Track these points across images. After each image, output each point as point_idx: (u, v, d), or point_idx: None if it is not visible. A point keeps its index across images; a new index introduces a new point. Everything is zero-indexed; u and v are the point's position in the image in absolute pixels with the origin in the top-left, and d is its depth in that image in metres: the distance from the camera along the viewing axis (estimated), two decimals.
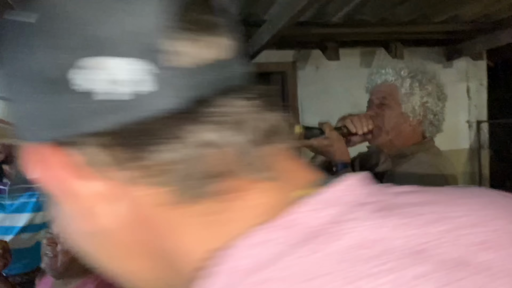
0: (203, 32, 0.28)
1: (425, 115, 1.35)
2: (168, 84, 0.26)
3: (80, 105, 0.26)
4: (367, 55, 3.31)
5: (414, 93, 1.34)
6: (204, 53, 0.28)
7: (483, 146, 3.43)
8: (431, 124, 1.37)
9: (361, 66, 3.31)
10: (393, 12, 2.57)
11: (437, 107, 1.36)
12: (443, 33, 2.94)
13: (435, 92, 1.35)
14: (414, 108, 1.34)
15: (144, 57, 0.26)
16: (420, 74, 1.36)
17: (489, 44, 2.98)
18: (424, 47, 3.31)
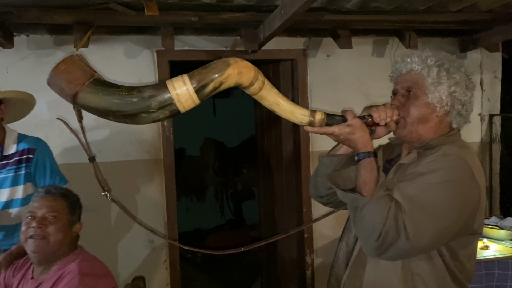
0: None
1: (452, 105, 1.30)
2: None
3: None
4: (380, 44, 3.22)
5: (442, 82, 1.28)
6: None
7: (494, 140, 3.37)
8: (458, 115, 1.32)
9: (373, 55, 3.23)
10: (409, 0, 2.49)
11: (466, 96, 1.30)
12: (458, 23, 2.85)
13: (464, 81, 1.30)
14: (442, 98, 1.28)
15: None
16: (447, 62, 1.30)
17: (506, 35, 2.90)
18: (438, 37, 3.23)
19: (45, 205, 1.68)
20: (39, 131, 2.79)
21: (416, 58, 1.32)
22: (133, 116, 1.11)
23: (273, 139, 3.56)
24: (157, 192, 2.97)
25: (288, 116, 1.26)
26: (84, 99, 1.11)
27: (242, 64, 1.15)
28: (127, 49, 2.85)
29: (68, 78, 1.11)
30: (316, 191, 1.56)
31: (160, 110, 1.10)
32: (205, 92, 1.12)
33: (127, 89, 1.11)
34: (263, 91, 1.21)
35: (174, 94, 1.09)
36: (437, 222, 1.18)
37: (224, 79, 1.13)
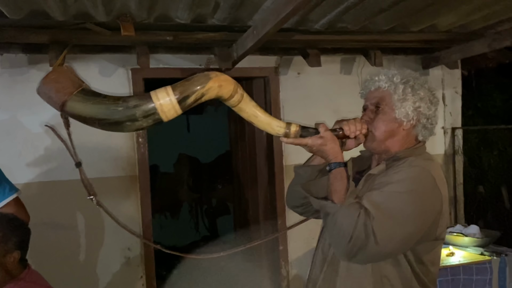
0: None
1: (418, 119, 1.40)
2: None
3: None
4: (347, 62, 3.37)
5: (407, 98, 1.39)
6: None
7: (457, 152, 3.55)
8: (424, 128, 1.42)
9: (341, 73, 3.38)
10: (373, 21, 2.64)
11: (430, 111, 1.41)
12: (420, 42, 3.03)
13: (427, 96, 1.41)
14: (408, 113, 1.39)
15: None
16: (412, 80, 1.41)
17: (464, 53, 3.10)
18: (402, 55, 3.41)
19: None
20: (13, 149, 2.78)
21: (383, 76, 1.43)
22: (118, 124, 1.17)
23: (248, 153, 3.63)
24: (133, 208, 2.98)
25: (265, 128, 1.34)
26: (72, 107, 1.16)
27: (222, 77, 1.23)
28: (102, 67, 2.89)
29: (57, 87, 1.16)
30: (292, 200, 1.64)
31: (144, 119, 1.16)
32: (187, 103, 1.19)
33: (113, 98, 1.17)
34: (242, 104, 1.29)
35: (158, 104, 1.15)
36: (402, 228, 1.27)
37: (205, 91, 1.20)
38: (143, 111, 1.15)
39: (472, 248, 3.03)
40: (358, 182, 1.44)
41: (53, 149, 2.83)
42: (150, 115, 1.16)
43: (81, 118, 1.18)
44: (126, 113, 1.15)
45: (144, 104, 1.16)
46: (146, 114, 1.16)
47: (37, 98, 2.78)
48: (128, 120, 1.16)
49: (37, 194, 2.80)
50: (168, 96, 1.16)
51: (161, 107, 1.16)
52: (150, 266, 3.01)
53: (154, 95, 1.17)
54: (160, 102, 1.16)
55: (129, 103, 1.16)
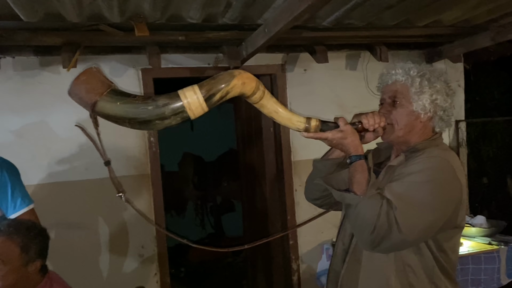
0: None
1: (435, 111, 1.45)
2: None
3: None
4: (353, 58, 3.42)
5: (424, 91, 1.43)
6: None
7: (461, 144, 3.61)
8: (441, 120, 1.47)
9: (347, 69, 3.42)
10: (380, 17, 2.68)
11: (446, 103, 1.46)
12: (425, 37, 3.08)
13: (444, 89, 1.45)
14: (425, 106, 1.43)
15: None
16: (428, 73, 1.45)
17: (467, 47, 3.15)
18: (406, 50, 3.45)
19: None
20: (25, 151, 2.81)
21: (400, 69, 1.47)
22: (148, 123, 1.21)
23: (255, 151, 3.67)
24: (146, 207, 3.02)
25: (285, 123, 1.39)
26: (103, 107, 1.20)
27: (245, 75, 1.28)
28: (112, 68, 2.92)
29: (87, 88, 1.19)
30: (311, 194, 1.68)
31: (173, 117, 1.20)
32: (213, 101, 1.23)
33: (143, 98, 1.21)
34: (264, 100, 1.33)
35: (186, 102, 1.19)
36: (425, 217, 1.31)
37: (230, 89, 1.24)
38: (171, 110, 1.19)
39: (479, 238, 3.09)
40: (377, 174, 1.49)
41: (65, 150, 2.86)
42: (178, 113, 1.20)
43: (112, 117, 1.22)
44: (156, 112, 1.19)
45: (173, 103, 1.19)
46: (175, 112, 1.20)
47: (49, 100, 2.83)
48: (157, 119, 1.20)
49: (51, 195, 2.83)
50: (195, 95, 1.20)
51: (188, 105, 1.20)
52: (164, 263, 3.05)
53: (182, 94, 1.21)
54: (188, 100, 1.20)
55: (159, 102, 1.20)
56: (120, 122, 1.23)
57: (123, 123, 1.23)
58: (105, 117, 1.23)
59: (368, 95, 3.33)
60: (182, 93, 1.21)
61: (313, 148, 2.39)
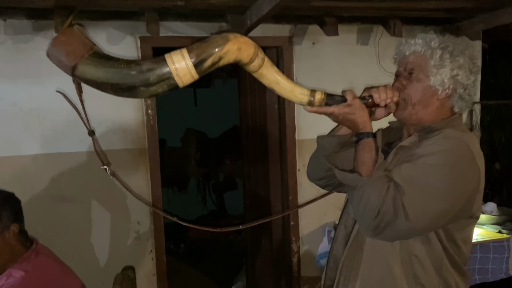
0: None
1: (454, 88, 1.30)
2: None
3: None
4: (365, 32, 3.23)
5: (444, 65, 1.28)
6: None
7: (475, 127, 3.44)
8: (460, 99, 1.32)
9: (358, 44, 3.24)
10: None
11: (468, 80, 1.30)
12: (442, 11, 2.89)
13: (467, 64, 1.30)
14: (443, 81, 1.28)
15: None
16: (451, 45, 1.30)
17: (488, 24, 2.96)
18: (422, 26, 3.25)
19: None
20: (18, 120, 2.70)
21: (420, 40, 1.32)
22: (131, 89, 1.10)
23: (258, 128, 3.54)
24: (142, 182, 2.91)
25: (287, 95, 1.24)
26: (83, 71, 1.10)
27: (241, 39, 1.13)
28: (109, 35, 2.77)
29: (67, 50, 1.09)
30: (313, 173, 1.55)
31: (158, 84, 1.09)
32: (203, 67, 1.10)
33: (126, 62, 1.10)
34: (263, 69, 1.19)
35: (173, 68, 1.07)
36: (436, 204, 1.18)
37: (223, 54, 1.11)
38: (157, 76, 1.08)
39: (488, 225, 2.97)
40: (387, 154, 1.35)
41: (59, 121, 2.74)
42: (165, 80, 1.09)
43: (93, 82, 1.12)
44: (140, 77, 1.08)
45: (159, 68, 1.08)
46: (161, 79, 1.08)
47: (43, 67, 2.70)
48: (142, 85, 1.09)
49: (44, 167, 2.74)
50: (183, 60, 1.08)
51: (176, 71, 1.08)
52: (160, 240, 2.96)
53: (169, 58, 1.09)
54: (176, 66, 1.08)
55: (143, 67, 1.09)
56: (102, 87, 1.13)
57: (105, 89, 1.13)
58: (86, 81, 1.13)
59: (380, 72, 3.17)
60: (169, 58, 1.09)
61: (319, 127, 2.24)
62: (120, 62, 1.10)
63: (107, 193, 2.84)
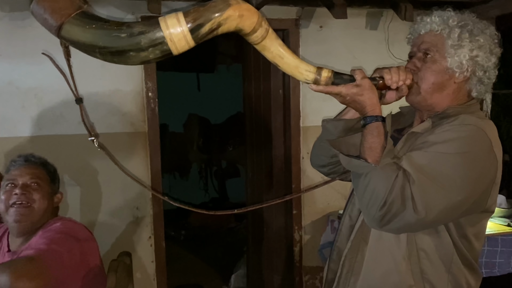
0: None
1: (473, 71, 1.20)
2: None
3: None
4: (374, 16, 3.12)
5: (463, 45, 1.18)
6: None
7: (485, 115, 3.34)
8: (479, 82, 1.22)
9: (367, 28, 3.14)
10: None
11: (489, 62, 1.20)
12: None
13: (488, 44, 1.20)
14: (462, 63, 1.18)
15: None
16: (471, 24, 1.20)
17: (504, 9, 2.85)
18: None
19: (26, 172, 1.62)
20: (15, 99, 2.63)
21: (437, 18, 1.22)
22: (120, 53, 1.01)
23: (262, 114, 3.45)
24: (142, 166, 2.84)
25: (292, 72, 1.15)
26: (70, 31, 1.01)
27: (244, 6, 1.03)
28: (109, 13, 2.67)
29: (53, 7, 1.01)
30: (317, 159, 1.47)
31: (150, 49, 1.00)
32: (200, 33, 1.01)
33: (116, 24, 1.02)
34: (266, 41, 1.09)
35: (167, 33, 0.99)
36: (449, 195, 1.09)
37: (223, 20, 1.01)
38: (149, 40, 0.99)
39: (497, 218, 2.89)
40: (397, 141, 1.26)
41: (57, 101, 2.67)
42: (157, 44, 1.00)
43: (80, 45, 1.03)
44: (130, 41, 1.00)
45: (151, 31, 0.99)
46: (153, 44, 1.00)
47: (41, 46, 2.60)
48: (132, 50, 1.01)
49: (41, 148, 2.63)
50: (179, 24, 0.99)
51: (170, 36, 0.99)
52: (159, 226, 2.90)
53: (163, 21, 0.99)
54: (170, 30, 0.99)
55: (134, 30, 1.00)
56: (89, 51, 1.04)
57: (92, 53, 1.05)
58: (73, 44, 1.04)
59: (389, 58, 3.07)
60: (163, 21, 0.99)
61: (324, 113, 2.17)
62: (110, 24, 1.02)
63: (105, 177, 2.78)
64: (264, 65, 3.17)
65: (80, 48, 1.04)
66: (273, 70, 3.14)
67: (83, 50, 1.04)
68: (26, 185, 1.59)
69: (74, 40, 1.02)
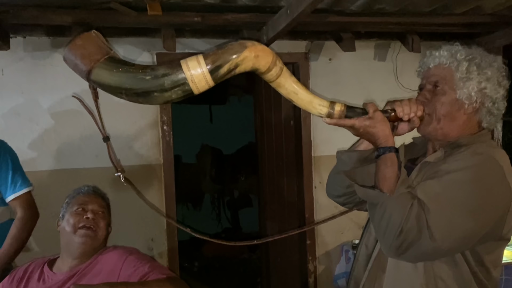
0: None
1: (482, 102, 1.24)
2: None
3: None
4: (382, 47, 3.20)
5: (471, 77, 1.22)
6: None
7: (496, 143, 3.35)
8: (489, 113, 1.26)
9: (375, 59, 3.21)
10: (413, 2, 2.47)
11: (497, 93, 1.24)
12: (462, 26, 2.84)
13: (496, 77, 1.24)
14: (470, 94, 1.22)
15: None
16: (478, 57, 1.25)
17: (509, 39, 2.90)
18: (441, 41, 3.20)
19: (95, 200, 1.75)
20: (35, 135, 2.72)
21: (445, 52, 1.27)
22: (145, 94, 1.08)
23: (274, 144, 3.50)
24: (156, 198, 2.89)
25: (306, 106, 1.20)
26: (98, 75, 1.09)
27: (259, 47, 1.10)
28: (126, 51, 2.79)
29: (83, 54, 1.09)
30: (333, 189, 1.49)
31: (173, 90, 1.07)
32: (219, 74, 1.07)
33: (141, 67, 1.09)
34: (281, 79, 1.15)
35: (188, 74, 1.05)
36: (464, 224, 1.11)
37: (240, 61, 1.07)
38: (172, 81, 1.06)
39: None
40: (411, 171, 1.29)
41: (75, 136, 2.75)
42: (179, 85, 1.07)
43: (108, 87, 1.11)
44: (154, 82, 1.07)
45: (174, 73, 1.06)
46: (176, 85, 1.06)
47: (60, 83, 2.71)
48: (156, 91, 1.07)
49: (59, 182, 2.73)
50: (199, 66, 1.06)
51: (191, 77, 1.06)
52: (174, 258, 2.92)
53: (185, 64, 1.06)
54: (191, 72, 1.05)
55: (158, 72, 1.07)
56: (116, 92, 1.12)
57: (119, 94, 1.12)
58: (101, 86, 1.12)
59: (398, 88, 3.12)
60: (185, 63, 1.06)
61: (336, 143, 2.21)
62: (135, 67, 1.10)
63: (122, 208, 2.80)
64: (275, 96, 3.25)
65: (107, 90, 1.11)
66: (284, 101, 3.21)
67: (110, 92, 1.11)
68: (95, 211, 1.70)
69: (102, 83, 1.10)
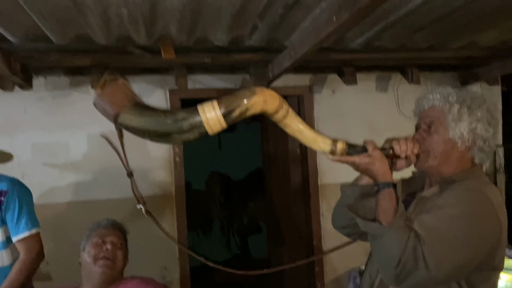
0: None
1: (474, 141, 1.34)
2: None
3: None
4: (383, 79, 3.33)
5: (463, 119, 1.33)
6: None
7: (498, 170, 3.43)
8: (480, 150, 1.36)
9: (377, 91, 3.33)
10: (411, 39, 2.59)
11: (487, 133, 1.35)
12: (459, 59, 2.96)
13: (485, 117, 1.35)
14: (462, 134, 1.33)
15: None
16: (469, 100, 1.36)
17: (505, 69, 3.01)
18: (440, 72, 3.34)
19: (114, 233, 1.85)
20: (55, 169, 2.85)
21: (438, 95, 1.38)
22: (166, 136, 1.22)
23: (281, 172, 3.60)
24: (168, 227, 2.99)
25: (310, 144, 1.32)
26: (125, 119, 1.22)
27: (267, 92, 1.24)
28: (141, 88, 2.95)
29: (112, 101, 1.22)
30: (338, 221, 1.60)
31: (190, 132, 1.20)
32: (232, 117, 1.20)
33: (163, 112, 1.22)
34: (287, 119, 1.28)
35: (204, 118, 1.18)
36: (456, 254, 1.20)
37: (250, 105, 1.21)
38: (190, 124, 1.19)
39: None
40: (409, 204, 1.39)
41: (93, 169, 2.89)
42: (196, 127, 1.20)
43: (133, 129, 1.24)
44: (175, 125, 1.20)
45: (191, 117, 1.20)
46: (193, 127, 1.20)
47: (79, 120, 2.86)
48: (176, 132, 1.21)
49: (78, 213, 2.85)
50: (213, 110, 1.19)
51: (207, 120, 1.19)
52: (186, 285, 3.00)
53: (201, 109, 1.20)
54: (206, 116, 1.19)
55: (178, 116, 1.21)
56: (140, 134, 1.25)
57: (143, 135, 1.25)
58: (127, 128, 1.25)
59: (400, 118, 3.23)
60: (201, 109, 1.20)
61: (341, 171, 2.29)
62: (158, 112, 1.24)
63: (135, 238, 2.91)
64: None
65: (132, 132, 1.24)
66: None
67: (135, 133, 1.24)
68: (114, 243, 1.80)
69: (128, 126, 1.23)
